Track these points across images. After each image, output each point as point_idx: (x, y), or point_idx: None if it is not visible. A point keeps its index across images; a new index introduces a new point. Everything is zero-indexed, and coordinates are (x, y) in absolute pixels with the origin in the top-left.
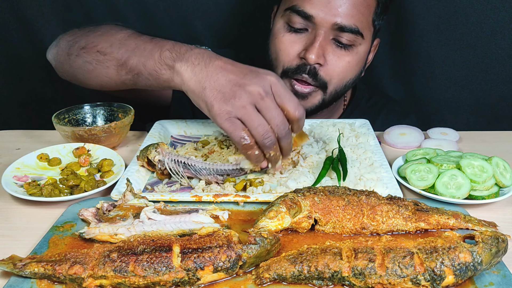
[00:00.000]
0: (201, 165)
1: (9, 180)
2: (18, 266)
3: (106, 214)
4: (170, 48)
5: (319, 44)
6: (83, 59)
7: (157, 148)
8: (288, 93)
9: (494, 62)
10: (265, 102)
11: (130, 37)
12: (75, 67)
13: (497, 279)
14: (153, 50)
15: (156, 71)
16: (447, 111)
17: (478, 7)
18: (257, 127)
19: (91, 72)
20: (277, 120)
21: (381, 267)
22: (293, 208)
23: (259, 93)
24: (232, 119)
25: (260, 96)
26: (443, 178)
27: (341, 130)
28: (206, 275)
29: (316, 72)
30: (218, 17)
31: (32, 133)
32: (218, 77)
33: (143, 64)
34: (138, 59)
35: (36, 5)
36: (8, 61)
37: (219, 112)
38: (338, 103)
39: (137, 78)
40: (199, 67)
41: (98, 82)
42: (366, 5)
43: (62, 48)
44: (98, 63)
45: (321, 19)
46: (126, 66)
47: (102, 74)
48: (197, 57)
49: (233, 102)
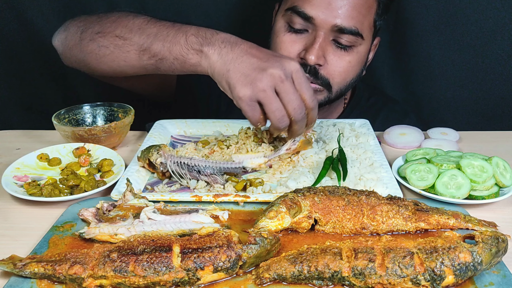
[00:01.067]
0: (204, 163)
1: (9, 180)
2: (18, 266)
3: (106, 214)
4: (195, 33)
5: (318, 45)
6: (98, 43)
7: (159, 150)
8: (307, 82)
9: (494, 62)
10: (285, 85)
11: (149, 22)
12: (87, 52)
13: (497, 279)
14: (177, 35)
15: (183, 56)
16: (447, 111)
17: (478, 7)
18: (274, 111)
19: (106, 57)
20: (294, 103)
21: (381, 267)
22: (293, 208)
23: (279, 76)
24: (252, 103)
25: (280, 79)
26: (443, 178)
27: (341, 130)
28: (206, 275)
29: (317, 72)
30: (218, 17)
31: (32, 133)
32: (243, 60)
33: (169, 49)
34: (162, 44)
35: (36, 5)
36: (8, 61)
37: (241, 94)
38: (338, 102)
39: (160, 63)
40: (225, 50)
41: (112, 67)
42: (367, 6)
43: (72, 33)
44: (117, 47)
45: (321, 20)
46: (149, 51)
47: (120, 58)
48: (224, 41)
49: (254, 85)
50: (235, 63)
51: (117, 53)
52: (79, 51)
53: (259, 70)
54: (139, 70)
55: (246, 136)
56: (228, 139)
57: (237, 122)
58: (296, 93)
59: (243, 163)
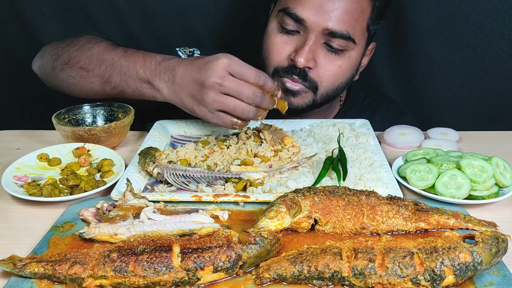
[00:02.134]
0: (200, 174)
1: (9, 180)
2: (18, 266)
3: (106, 214)
4: (142, 65)
5: (309, 48)
6: (67, 73)
7: (155, 160)
8: (244, 67)
9: (494, 62)
10: (225, 86)
11: (105, 51)
12: (60, 80)
13: (497, 279)
14: (128, 67)
15: (139, 89)
16: (447, 111)
17: (478, 7)
18: (234, 109)
19: (75, 85)
20: (245, 93)
21: (381, 267)
22: (293, 208)
23: (216, 83)
24: (214, 115)
25: (218, 84)
26: (443, 178)
27: (341, 130)
28: (206, 275)
29: (306, 74)
30: (218, 17)
31: (32, 133)
32: (185, 83)
33: (125, 82)
34: (120, 77)
35: (36, 5)
36: (8, 61)
37: (202, 114)
38: (334, 102)
39: (122, 94)
40: (170, 82)
41: (83, 94)
42: (360, 11)
43: (46, 61)
44: (82, 78)
45: (312, 23)
46: (109, 83)
47: (87, 87)
48: (166, 72)
49: (205, 102)
50: (182, 90)
51: (83, 83)
52: (53, 79)
53: (199, 87)
54: (106, 97)
55: (247, 136)
56: (228, 139)
57: None
58: (240, 84)
59: (241, 175)
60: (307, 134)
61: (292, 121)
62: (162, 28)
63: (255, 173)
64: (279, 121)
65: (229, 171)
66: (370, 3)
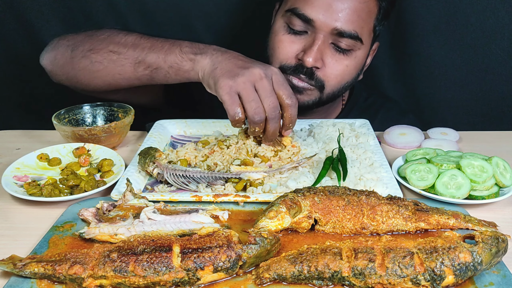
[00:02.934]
0: (200, 174)
1: (9, 180)
2: (18, 266)
3: (106, 214)
4: (189, 45)
5: (317, 48)
6: (91, 59)
7: (154, 161)
8: (286, 83)
9: (494, 62)
10: (263, 83)
11: (143, 38)
12: (79, 69)
13: (497, 279)
14: (171, 47)
15: (178, 64)
16: (447, 111)
17: (478, 7)
18: (251, 101)
19: (100, 71)
20: (269, 100)
21: (381, 267)
22: (293, 208)
23: (259, 74)
24: (232, 93)
25: (260, 76)
26: (443, 178)
27: (341, 130)
28: (206, 275)
29: (313, 73)
30: (218, 17)
31: (32, 133)
32: (230, 61)
33: (164, 59)
34: (157, 55)
35: (36, 6)
36: (8, 61)
37: (223, 85)
38: (336, 102)
39: (155, 73)
40: (216, 55)
41: (106, 80)
42: (368, 11)
43: (62, 51)
44: (111, 62)
45: (321, 23)
46: (144, 62)
47: (115, 71)
48: (215, 49)
49: (236, 78)
50: (222, 62)
51: (111, 67)
52: (70, 69)
53: (242, 68)
54: (134, 81)
55: (246, 136)
56: (228, 139)
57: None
58: (273, 92)
59: (241, 175)
60: (307, 134)
61: None
62: (162, 28)
63: (255, 173)
64: None
65: (229, 171)
66: (377, 4)
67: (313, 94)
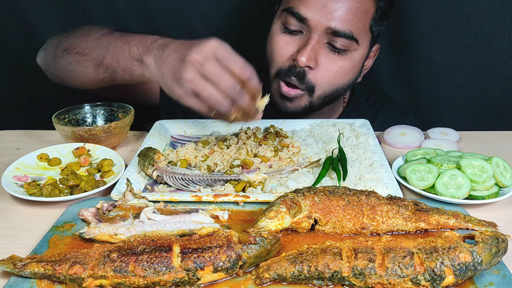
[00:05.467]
0: (199, 177)
1: (9, 180)
2: (18, 266)
3: (106, 214)
4: (137, 43)
5: (311, 47)
6: (65, 60)
7: (154, 163)
8: (232, 55)
9: (494, 62)
10: (206, 68)
11: (103, 36)
12: (59, 68)
13: (497, 279)
14: (123, 47)
15: (129, 67)
16: (447, 111)
17: (478, 7)
18: (207, 98)
19: (72, 72)
20: (224, 82)
21: (381, 267)
22: (293, 208)
23: (197, 60)
24: (190, 98)
25: (199, 64)
26: (443, 178)
27: (341, 130)
28: (206, 275)
29: (304, 75)
30: (218, 17)
31: (32, 133)
32: (170, 58)
33: (117, 61)
34: (112, 58)
35: (36, 6)
36: (8, 61)
37: (178, 94)
38: (338, 103)
39: (114, 76)
40: (158, 56)
41: (80, 81)
42: (364, 10)
43: (49, 51)
44: (78, 63)
45: (316, 22)
46: (102, 65)
47: (83, 73)
48: (158, 49)
49: (182, 80)
50: (165, 65)
51: (79, 69)
52: (54, 68)
53: (181, 63)
54: (99, 83)
55: (246, 136)
56: (228, 139)
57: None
58: (222, 72)
59: (240, 176)
60: (307, 134)
61: (292, 121)
62: (162, 28)
63: (254, 174)
64: (279, 121)
65: (229, 170)
66: (374, 4)
67: (303, 100)
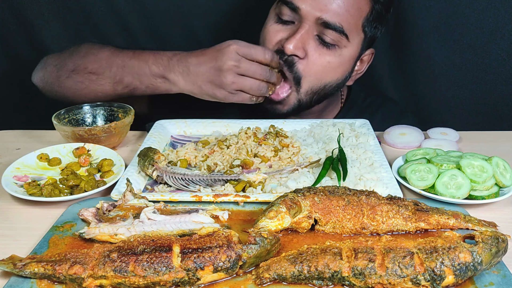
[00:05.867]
0: (199, 177)
1: (9, 180)
2: (18, 266)
3: (106, 214)
4: (155, 62)
5: (300, 36)
6: (73, 79)
7: (154, 164)
8: (251, 48)
9: (494, 62)
10: (241, 68)
11: (113, 55)
12: (65, 88)
13: (497, 279)
14: (140, 66)
15: (153, 84)
16: (447, 111)
17: (478, 7)
18: (250, 88)
19: (83, 90)
20: (258, 72)
21: (381, 267)
22: (293, 208)
23: (233, 65)
24: (234, 95)
25: (235, 67)
26: (443, 178)
27: (341, 130)
28: (206, 275)
29: (293, 64)
30: (218, 17)
31: (32, 133)
32: (201, 71)
33: (138, 80)
34: (132, 76)
35: (36, 6)
36: (8, 61)
37: (223, 96)
38: (334, 102)
39: (134, 91)
40: (185, 73)
41: (90, 97)
42: (357, 7)
43: (50, 71)
44: (91, 82)
45: (307, 12)
46: (122, 83)
47: (97, 90)
48: (179, 65)
49: (224, 85)
50: (199, 79)
51: (92, 87)
52: (58, 87)
53: (217, 72)
54: (116, 97)
55: (246, 136)
56: (228, 139)
57: (237, 122)
58: (253, 64)
59: (240, 176)
60: (307, 134)
61: (292, 121)
62: (162, 28)
63: (254, 174)
64: (279, 121)
65: (229, 170)
66: (369, 3)
67: (291, 98)
